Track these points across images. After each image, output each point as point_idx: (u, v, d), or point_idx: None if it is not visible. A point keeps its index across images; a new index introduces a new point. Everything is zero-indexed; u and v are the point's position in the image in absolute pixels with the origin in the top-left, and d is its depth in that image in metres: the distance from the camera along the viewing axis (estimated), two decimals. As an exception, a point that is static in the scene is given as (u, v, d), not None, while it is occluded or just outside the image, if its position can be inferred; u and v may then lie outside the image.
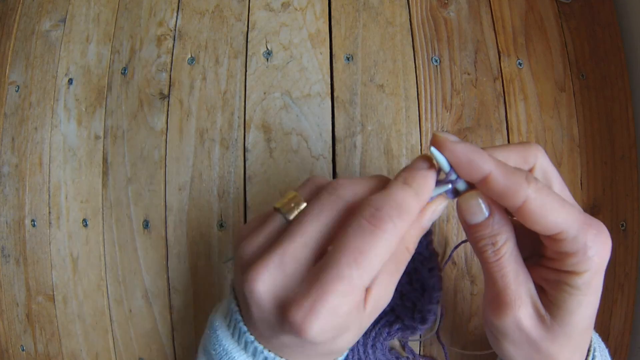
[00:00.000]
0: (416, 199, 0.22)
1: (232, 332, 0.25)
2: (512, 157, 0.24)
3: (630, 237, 0.42)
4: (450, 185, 0.23)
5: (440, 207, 0.23)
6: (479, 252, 0.24)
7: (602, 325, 0.41)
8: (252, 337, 0.24)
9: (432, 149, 0.22)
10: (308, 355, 0.23)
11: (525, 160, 0.25)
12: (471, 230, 0.24)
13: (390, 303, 0.34)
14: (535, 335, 0.24)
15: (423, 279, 0.30)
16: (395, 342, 0.38)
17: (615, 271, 0.41)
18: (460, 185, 0.24)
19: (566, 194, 0.25)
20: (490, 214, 0.23)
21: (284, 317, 0.20)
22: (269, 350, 0.24)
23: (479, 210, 0.23)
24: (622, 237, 0.42)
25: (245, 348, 0.24)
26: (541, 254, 0.25)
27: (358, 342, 0.35)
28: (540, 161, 0.24)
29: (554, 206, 0.21)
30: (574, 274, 0.22)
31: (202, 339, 0.29)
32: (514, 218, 0.23)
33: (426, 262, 0.29)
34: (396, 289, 0.33)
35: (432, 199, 0.23)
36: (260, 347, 0.24)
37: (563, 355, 0.24)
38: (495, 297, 0.24)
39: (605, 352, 0.29)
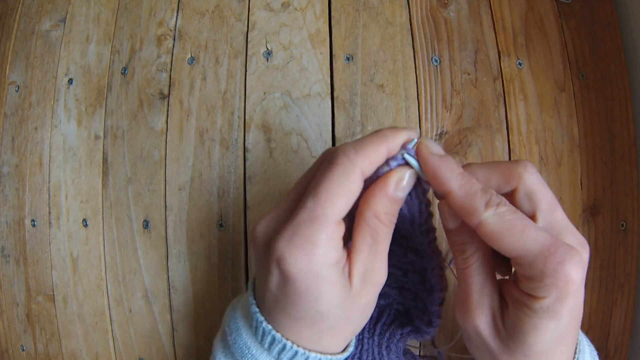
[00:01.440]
0: (376, 141, 0.23)
1: (250, 324, 0.26)
2: (494, 177, 0.25)
3: (630, 237, 0.42)
4: (402, 160, 0.24)
5: (404, 176, 0.24)
6: (454, 257, 0.26)
7: (602, 325, 0.41)
8: (262, 318, 0.25)
9: (406, 154, 0.24)
10: (299, 317, 0.24)
11: (507, 181, 0.25)
12: (448, 235, 0.26)
13: (404, 304, 0.34)
14: (492, 346, 0.25)
15: (429, 279, 0.30)
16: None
17: (615, 271, 0.41)
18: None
19: (558, 215, 0.25)
20: (462, 222, 0.24)
21: (270, 247, 0.23)
22: (277, 331, 0.25)
23: (453, 217, 0.25)
24: (622, 237, 0.42)
25: (256, 331, 0.25)
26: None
27: (373, 342, 0.35)
28: (525, 183, 0.25)
29: (513, 231, 0.22)
30: (532, 298, 0.23)
31: (219, 331, 0.30)
32: None
33: (430, 261, 0.29)
34: (410, 290, 0.33)
35: (391, 168, 0.24)
36: (268, 327, 0.25)
37: None
38: (461, 301, 0.26)
39: None
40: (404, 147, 0.24)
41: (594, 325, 0.41)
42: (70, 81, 0.45)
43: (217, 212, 0.39)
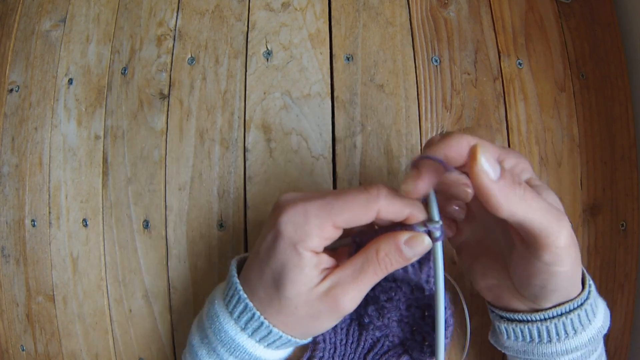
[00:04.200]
0: (407, 203, 0.26)
1: (227, 302, 0.28)
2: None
3: (630, 237, 0.42)
4: (425, 230, 0.26)
5: (418, 242, 0.25)
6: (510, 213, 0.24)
7: (602, 325, 0.41)
8: (241, 288, 0.28)
9: (432, 194, 0.25)
10: (264, 273, 0.27)
11: None
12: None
13: (400, 336, 0.35)
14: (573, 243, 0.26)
15: (433, 315, 0.31)
16: None
17: (615, 271, 0.41)
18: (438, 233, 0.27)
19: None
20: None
21: (278, 205, 0.26)
22: (254, 306, 0.27)
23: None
24: (622, 237, 0.42)
25: (228, 297, 0.28)
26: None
27: None
28: None
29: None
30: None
31: (197, 317, 0.32)
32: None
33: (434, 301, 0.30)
34: (408, 323, 0.34)
35: (409, 228, 0.26)
36: (239, 287, 0.28)
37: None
38: (528, 244, 0.25)
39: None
40: (425, 224, 0.26)
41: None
42: (70, 81, 0.45)
43: (217, 212, 0.39)
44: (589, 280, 0.29)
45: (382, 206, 0.25)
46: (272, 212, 0.27)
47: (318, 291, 0.26)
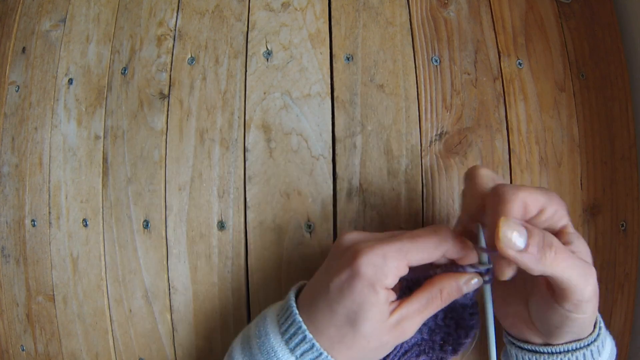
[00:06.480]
0: (469, 247, 0.29)
1: (279, 323, 0.30)
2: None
3: (630, 237, 0.42)
4: (479, 270, 0.29)
5: (473, 281, 0.29)
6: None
7: (602, 325, 0.41)
8: (305, 328, 0.29)
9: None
10: (336, 314, 0.28)
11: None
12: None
13: (416, 337, 0.36)
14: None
15: (459, 318, 0.34)
16: None
17: (615, 271, 0.41)
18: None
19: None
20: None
21: (353, 249, 0.28)
22: (320, 347, 0.29)
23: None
24: (622, 237, 0.42)
25: (284, 326, 0.30)
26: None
27: None
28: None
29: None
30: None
31: (239, 336, 0.33)
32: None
33: (468, 309, 0.33)
34: (426, 325, 0.36)
35: (465, 269, 0.29)
36: (298, 318, 0.29)
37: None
38: (554, 292, 0.28)
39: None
40: (477, 265, 0.29)
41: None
42: (70, 81, 0.45)
43: (217, 212, 0.39)
44: (600, 323, 0.31)
45: (449, 248, 0.28)
46: (344, 253, 0.29)
47: (389, 324, 0.28)
